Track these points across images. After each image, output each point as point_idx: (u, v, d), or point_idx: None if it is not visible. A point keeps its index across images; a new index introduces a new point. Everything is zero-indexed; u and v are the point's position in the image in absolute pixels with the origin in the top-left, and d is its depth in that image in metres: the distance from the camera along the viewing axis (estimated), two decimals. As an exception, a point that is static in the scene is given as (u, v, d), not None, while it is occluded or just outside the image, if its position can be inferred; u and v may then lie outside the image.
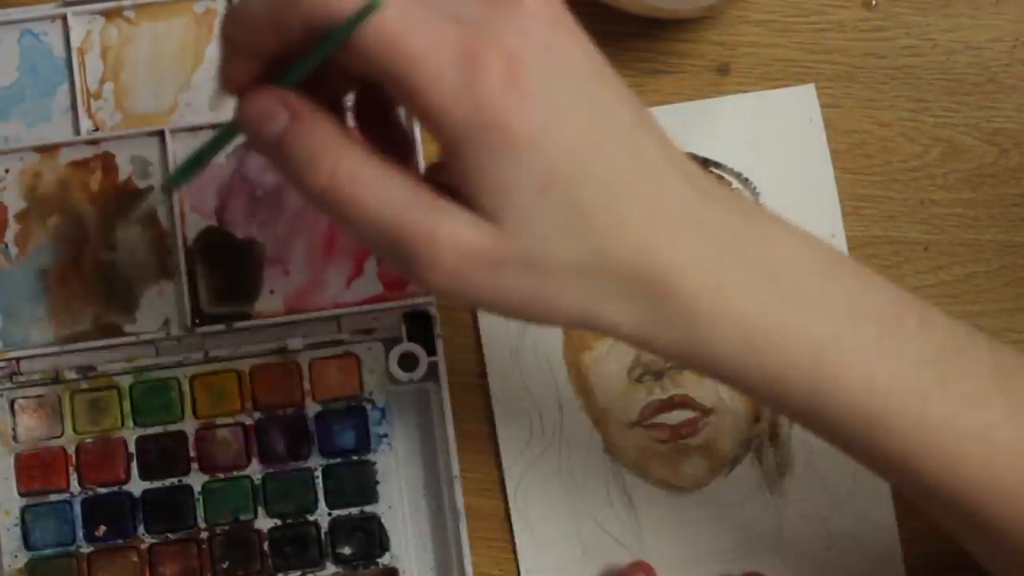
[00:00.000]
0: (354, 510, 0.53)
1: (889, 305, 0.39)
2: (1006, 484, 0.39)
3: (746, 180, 0.55)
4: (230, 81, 0.38)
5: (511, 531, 0.54)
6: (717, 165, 0.55)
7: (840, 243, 0.54)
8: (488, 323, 0.54)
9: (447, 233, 0.35)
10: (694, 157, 0.55)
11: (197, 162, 0.40)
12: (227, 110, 0.55)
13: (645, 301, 0.37)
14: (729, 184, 0.55)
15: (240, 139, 0.39)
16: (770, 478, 0.53)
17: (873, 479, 0.53)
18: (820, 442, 0.40)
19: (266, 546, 0.53)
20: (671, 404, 0.54)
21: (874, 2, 0.55)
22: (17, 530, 0.53)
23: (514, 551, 0.54)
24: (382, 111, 0.42)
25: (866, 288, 0.40)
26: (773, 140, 0.55)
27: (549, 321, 0.38)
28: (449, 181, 0.36)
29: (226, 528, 0.53)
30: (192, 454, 0.53)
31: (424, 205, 0.36)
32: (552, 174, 0.35)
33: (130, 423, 0.54)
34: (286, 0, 0.35)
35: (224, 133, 0.39)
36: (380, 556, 0.53)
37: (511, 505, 0.54)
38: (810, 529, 0.53)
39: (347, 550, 0.53)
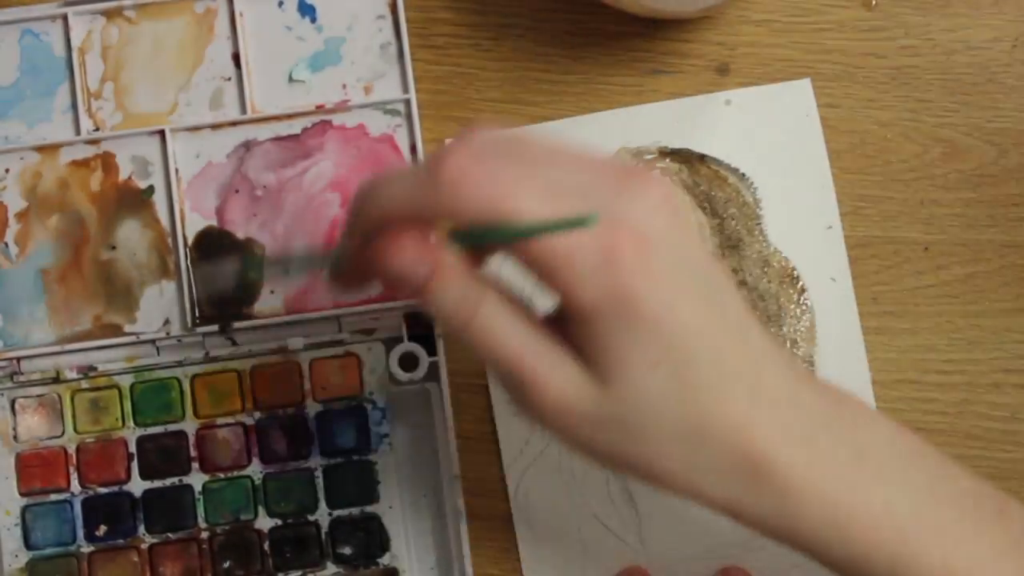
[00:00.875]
0: (354, 510, 0.53)
1: (968, 492, 0.41)
2: None
3: (743, 176, 0.55)
4: (345, 269, 0.43)
5: (511, 531, 0.54)
6: (715, 161, 0.55)
7: (837, 237, 0.54)
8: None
9: (556, 384, 0.38)
10: (691, 153, 0.55)
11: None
12: (230, 109, 0.55)
13: (738, 473, 0.39)
14: (726, 179, 0.55)
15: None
16: None
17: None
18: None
19: (266, 546, 0.53)
20: None
21: (874, 2, 0.55)
22: (17, 530, 0.53)
23: (516, 550, 0.54)
24: None
25: (947, 474, 0.41)
26: (770, 135, 0.55)
27: (644, 480, 0.40)
28: (567, 332, 0.39)
29: (226, 528, 0.53)
30: (193, 454, 0.53)
31: (542, 353, 0.39)
32: (667, 351, 0.38)
33: (131, 423, 0.54)
34: (424, 201, 0.38)
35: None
36: (380, 556, 0.53)
37: (512, 504, 0.54)
38: None
39: (347, 550, 0.53)
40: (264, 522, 0.53)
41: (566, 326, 0.39)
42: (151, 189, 0.55)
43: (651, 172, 0.40)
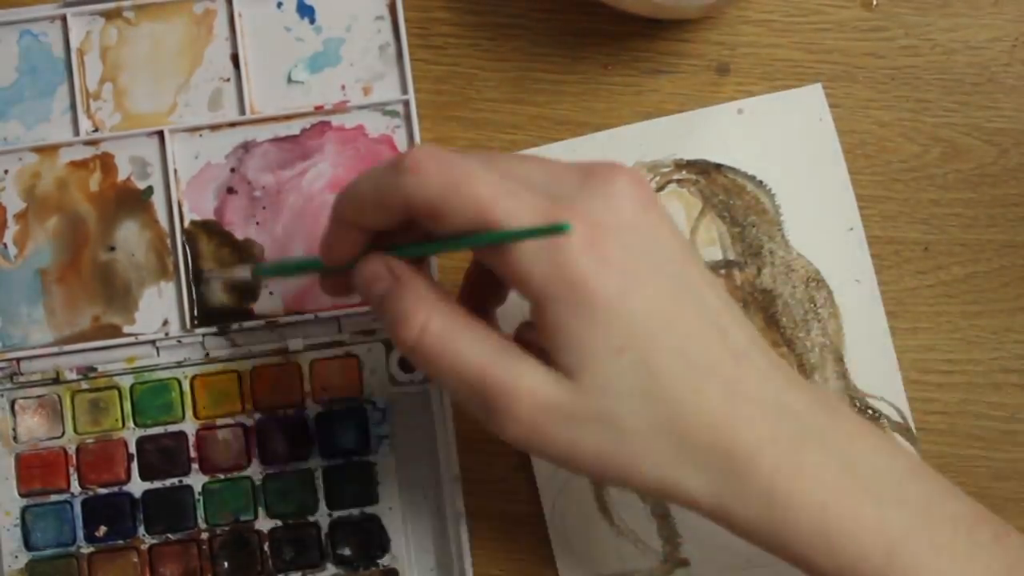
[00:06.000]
0: (354, 511, 0.53)
1: (964, 514, 0.40)
2: None
3: (761, 183, 0.54)
4: (332, 251, 0.42)
5: (512, 531, 0.54)
6: (732, 170, 0.55)
7: (860, 238, 0.54)
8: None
9: (526, 386, 0.38)
10: (707, 164, 0.55)
11: (287, 270, 0.50)
12: (228, 110, 0.55)
13: (722, 473, 0.38)
14: (744, 188, 0.54)
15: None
16: None
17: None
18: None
19: (266, 547, 0.53)
20: None
21: (874, 2, 0.55)
22: (17, 530, 0.53)
23: (517, 550, 0.54)
24: (481, 299, 0.45)
25: (943, 495, 0.40)
26: (785, 141, 0.55)
27: (627, 482, 0.39)
28: (536, 340, 0.38)
29: (226, 529, 0.53)
30: (192, 454, 0.53)
31: (506, 359, 0.38)
32: (629, 337, 0.37)
33: (131, 423, 0.54)
34: (389, 185, 0.39)
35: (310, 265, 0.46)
36: (380, 557, 0.53)
37: (548, 526, 0.53)
38: None
39: (347, 551, 0.53)
40: (264, 523, 0.53)
41: (533, 332, 0.39)
42: (150, 190, 0.55)
43: (620, 164, 0.39)
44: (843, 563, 0.38)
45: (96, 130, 0.55)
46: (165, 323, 0.54)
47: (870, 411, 0.53)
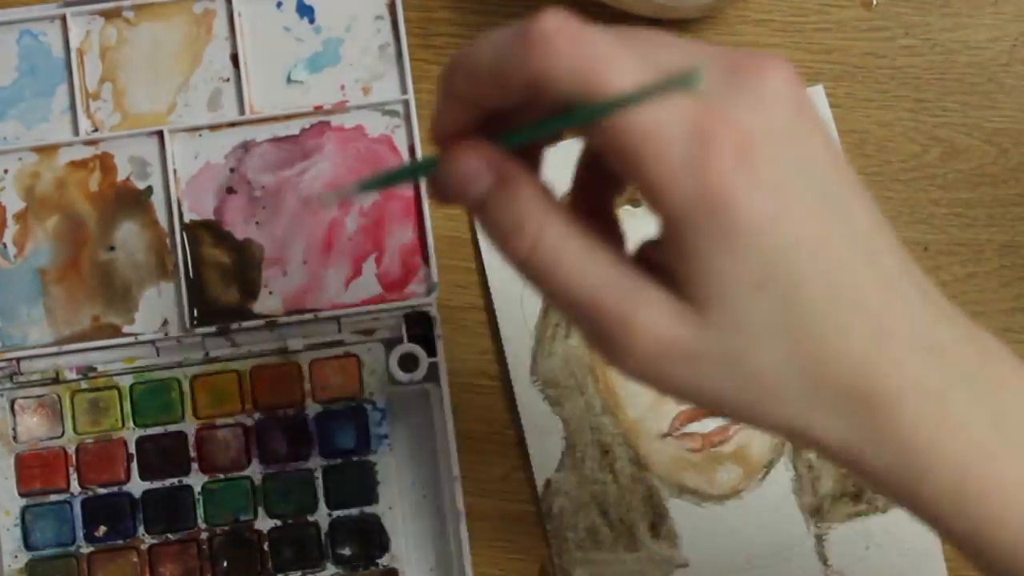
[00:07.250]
0: (354, 511, 0.53)
1: None
2: None
3: None
4: (441, 130, 0.35)
5: (511, 531, 0.54)
6: None
7: None
8: (511, 346, 0.54)
9: (644, 319, 0.33)
10: None
11: (395, 178, 0.42)
12: (228, 110, 0.55)
13: (858, 419, 0.34)
14: None
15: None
16: (805, 481, 0.53)
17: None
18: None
19: (266, 547, 0.53)
20: (701, 412, 0.53)
21: (874, 2, 0.55)
22: (17, 530, 0.53)
23: (516, 550, 0.54)
24: (597, 191, 0.39)
25: None
26: None
27: (749, 422, 0.36)
28: (662, 261, 0.34)
29: (226, 528, 0.53)
30: (192, 454, 0.53)
31: (624, 286, 0.33)
32: (772, 269, 0.33)
33: (130, 423, 0.54)
34: (513, 59, 0.32)
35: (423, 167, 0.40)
36: (380, 557, 0.53)
37: (548, 526, 0.53)
38: (848, 529, 0.53)
39: (347, 551, 0.53)
40: (264, 523, 0.53)
41: (659, 251, 0.34)
42: (150, 190, 0.55)
43: (770, 56, 0.34)
44: (978, 528, 0.35)
45: (96, 130, 0.55)
46: (165, 323, 0.54)
47: None
